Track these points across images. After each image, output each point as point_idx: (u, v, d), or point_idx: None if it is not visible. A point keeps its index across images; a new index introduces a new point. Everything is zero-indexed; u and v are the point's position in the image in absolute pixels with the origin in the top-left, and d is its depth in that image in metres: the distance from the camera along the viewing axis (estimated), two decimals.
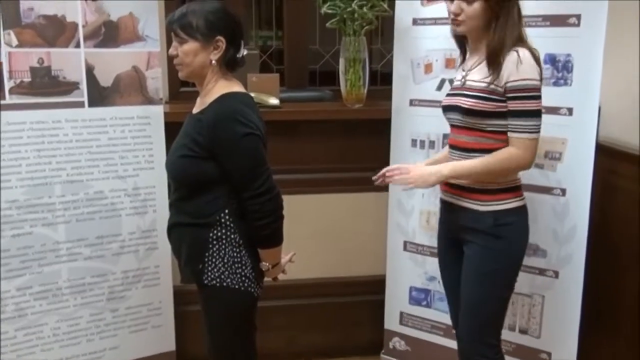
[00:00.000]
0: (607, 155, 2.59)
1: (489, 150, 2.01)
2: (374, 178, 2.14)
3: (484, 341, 2.11)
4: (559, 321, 2.53)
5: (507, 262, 2.07)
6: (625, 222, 2.55)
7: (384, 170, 2.14)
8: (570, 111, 2.41)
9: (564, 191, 2.46)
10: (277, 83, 2.91)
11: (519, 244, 2.09)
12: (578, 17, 2.35)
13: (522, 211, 2.09)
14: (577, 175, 2.43)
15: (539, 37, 2.40)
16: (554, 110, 2.42)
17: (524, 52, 1.95)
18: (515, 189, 2.09)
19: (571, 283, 2.49)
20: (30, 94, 2.39)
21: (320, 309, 3.07)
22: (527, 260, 2.53)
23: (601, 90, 2.36)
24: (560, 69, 2.41)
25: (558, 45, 2.40)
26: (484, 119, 2.00)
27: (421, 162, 2.29)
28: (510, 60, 1.94)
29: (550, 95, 2.42)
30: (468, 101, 2.01)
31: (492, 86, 1.97)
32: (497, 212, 2.04)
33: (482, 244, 2.05)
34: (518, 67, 1.93)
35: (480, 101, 1.99)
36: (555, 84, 2.42)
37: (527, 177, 2.48)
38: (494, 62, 1.97)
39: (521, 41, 1.99)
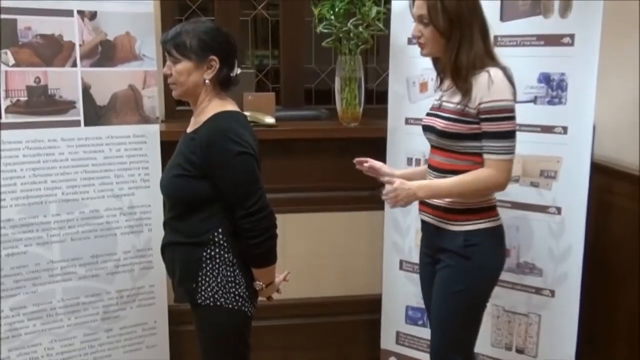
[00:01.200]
0: (602, 174, 2.60)
1: (462, 172, 1.98)
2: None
3: (448, 358, 2.10)
4: (556, 340, 2.52)
5: (475, 283, 2.04)
6: (621, 240, 2.55)
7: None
8: (565, 130, 2.42)
9: (559, 210, 2.46)
10: (273, 102, 2.92)
11: (488, 265, 2.06)
12: (572, 36, 2.37)
13: (494, 232, 2.06)
14: (572, 194, 2.43)
15: (533, 57, 2.44)
16: (548, 129, 2.43)
17: (496, 72, 1.93)
18: (488, 210, 2.06)
19: (567, 302, 2.48)
20: (26, 113, 2.40)
21: (316, 329, 3.05)
22: (523, 279, 2.54)
23: (595, 109, 2.38)
24: (555, 87, 2.43)
25: (552, 65, 2.42)
26: (458, 140, 1.99)
27: (398, 171, 2.30)
28: (481, 81, 1.92)
29: (544, 114, 2.44)
30: (442, 122, 2.01)
31: (465, 108, 1.96)
32: (467, 232, 2.02)
33: (451, 264, 2.04)
34: (490, 88, 1.91)
35: (453, 123, 1.98)
36: (550, 102, 2.44)
37: (522, 195, 2.50)
38: (457, 84, 1.98)
39: (491, 60, 1.97)
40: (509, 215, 2.55)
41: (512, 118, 1.94)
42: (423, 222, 2.17)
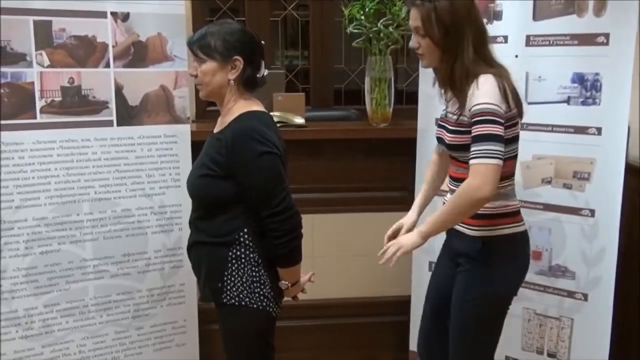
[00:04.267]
0: (636, 176, 2.55)
1: None
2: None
3: None
4: (589, 345, 2.48)
5: (492, 291, 2.00)
6: None
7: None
8: (599, 131, 2.38)
9: (592, 212, 2.43)
10: (302, 102, 2.93)
11: (509, 273, 2.02)
12: (607, 35, 2.33)
13: (516, 238, 2.01)
14: (606, 196, 2.39)
15: (567, 56, 2.41)
16: (582, 130, 2.40)
17: (485, 78, 1.86)
18: (509, 215, 2.00)
19: (601, 306, 2.44)
20: (60, 113, 2.43)
21: (344, 330, 3.04)
22: (555, 282, 2.51)
23: (630, 110, 2.33)
24: (589, 88, 2.39)
25: (586, 64, 2.38)
26: (465, 151, 1.91)
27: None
28: (471, 89, 1.87)
29: (578, 115, 2.41)
30: (448, 136, 1.99)
31: (460, 117, 1.93)
32: (486, 237, 1.98)
33: (469, 269, 2.01)
34: (474, 93, 1.85)
35: (456, 135, 1.95)
36: (584, 103, 2.40)
37: (554, 197, 2.47)
38: (454, 94, 1.95)
39: (487, 67, 1.91)
40: (541, 217, 2.52)
41: (494, 122, 1.81)
42: None
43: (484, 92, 1.85)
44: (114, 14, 2.47)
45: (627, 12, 2.28)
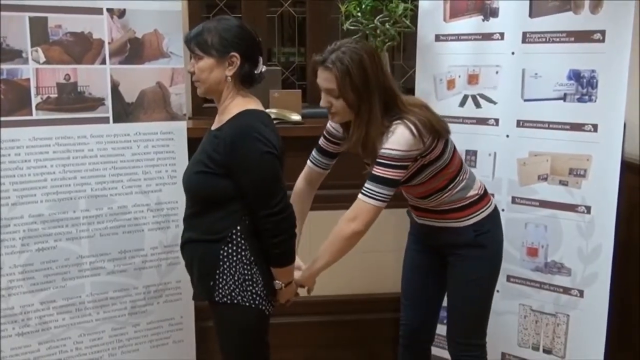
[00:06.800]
0: (632, 172, 2.56)
1: (439, 190, 2.10)
2: None
3: (473, 342, 2.23)
4: (584, 341, 2.49)
5: (492, 266, 2.20)
6: None
7: None
8: (595, 127, 2.38)
9: (589, 209, 2.43)
10: (299, 99, 2.93)
11: (499, 247, 2.21)
12: (603, 33, 2.34)
13: (494, 215, 2.19)
14: (602, 193, 2.39)
15: (563, 53, 2.41)
16: (578, 127, 2.40)
17: (394, 127, 1.95)
18: (484, 197, 2.17)
19: (596, 302, 2.44)
20: (56, 109, 2.43)
21: (342, 327, 3.04)
22: (552, 279, 2.52)
23: (626, 107, 2.34)
24: (585, 85, 2.40)
25: (582, 61, 2.39)
26: (410, 182, 2.09)
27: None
28: (384, 140, 1.97)
29: (574, 112, 2.41)
30: None
31: None
32: (475, 223, 2.13)
33: (467, 254, 2.15)
34: (387, 138, 1.96)
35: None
36: (580, 100, 2.40)
37: (550, 194, 2.48)
38: (364, 155, 2.04)
39: (399, 119, 1.97)
40: (537, 214, 2.53)
41: (393, 167, 1.95)
42: (423, 225, 2.25)
43: (392, 139, 1.95)
44: (110, 10, 2.46)
45: (623, 9, 2.29)
